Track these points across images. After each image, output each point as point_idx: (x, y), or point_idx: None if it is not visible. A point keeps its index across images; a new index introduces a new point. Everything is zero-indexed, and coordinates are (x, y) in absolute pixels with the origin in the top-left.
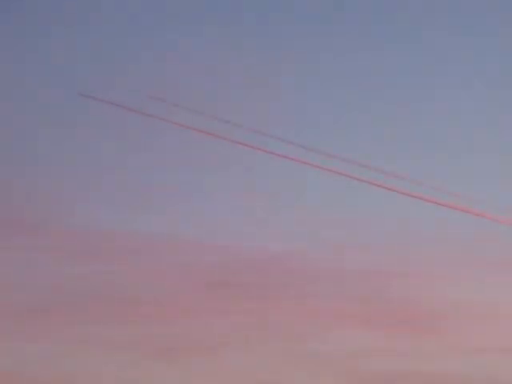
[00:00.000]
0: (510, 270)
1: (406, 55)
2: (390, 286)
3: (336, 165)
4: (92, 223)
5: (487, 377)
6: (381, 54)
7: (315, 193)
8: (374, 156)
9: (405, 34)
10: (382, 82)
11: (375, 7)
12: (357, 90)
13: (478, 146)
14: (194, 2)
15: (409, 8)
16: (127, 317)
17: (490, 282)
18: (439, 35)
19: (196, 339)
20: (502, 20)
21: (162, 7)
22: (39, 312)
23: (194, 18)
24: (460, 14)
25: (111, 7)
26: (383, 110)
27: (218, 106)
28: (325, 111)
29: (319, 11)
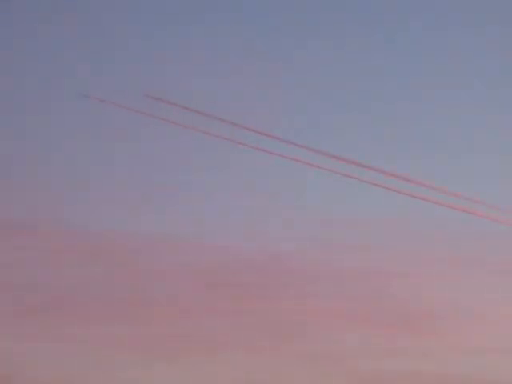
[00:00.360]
0: (510, 270)
1: (406, 55)
2: (389, 286)
3: (336, 165)
4: (92, 223)
5: (487, 377)
6: (381, 54)
7: (315, 193)
8: (373, 156)
9: (405, 34)
10: (382, 82)
11: (375, 7)
12: (357, 90)
13: (478, 146)
14: (195, 1)
15: (409, 8)
16: (127, 317)
17: (490, 282)
18: (439, 35)
19: (196, 339)
20: (502, 20)
21: (162, 7)
22: (39, 312)
23: (194, 18)
24: (460, 14)
25: (111, 7)
26: (383, 110)
27: (218, 106)
28: (325, 111)
29: (319, 11)
